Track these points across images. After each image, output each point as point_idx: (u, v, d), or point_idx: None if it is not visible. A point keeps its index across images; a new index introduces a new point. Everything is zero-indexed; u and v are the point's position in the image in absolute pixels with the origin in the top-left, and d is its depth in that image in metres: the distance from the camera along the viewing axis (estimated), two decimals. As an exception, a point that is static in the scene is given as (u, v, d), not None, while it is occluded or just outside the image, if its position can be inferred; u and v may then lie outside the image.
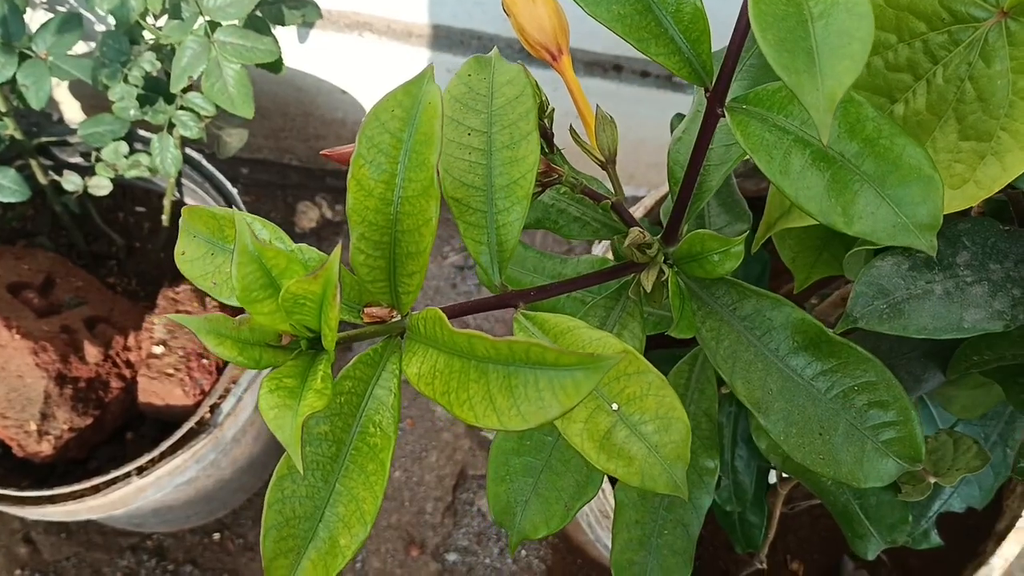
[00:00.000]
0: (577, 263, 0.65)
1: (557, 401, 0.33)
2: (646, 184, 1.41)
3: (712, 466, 0.57)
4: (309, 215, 1.36)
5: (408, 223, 0.38)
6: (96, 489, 0.88)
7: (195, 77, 0.77)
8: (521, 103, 0.45)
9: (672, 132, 0.74)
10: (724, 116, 0.39)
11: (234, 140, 0.95)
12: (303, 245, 0.42)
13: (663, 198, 0.87)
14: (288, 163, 1.36)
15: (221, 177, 1.00)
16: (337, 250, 0.34)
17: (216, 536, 1.23)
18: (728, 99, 0.40)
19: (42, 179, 1.01)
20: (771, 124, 0.38)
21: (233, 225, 0.41)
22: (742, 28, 0.40)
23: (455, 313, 0.44)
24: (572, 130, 0.48)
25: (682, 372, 0.59)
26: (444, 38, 1.11)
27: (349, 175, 0.39)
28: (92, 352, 0.92)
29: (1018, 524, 0.80)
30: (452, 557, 1.25)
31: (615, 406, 0.39)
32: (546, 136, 0.45)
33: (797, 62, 0.33)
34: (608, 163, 0.46)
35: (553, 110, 0.47)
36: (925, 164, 0.36)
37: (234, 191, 0.99)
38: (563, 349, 0.33)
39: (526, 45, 0.49)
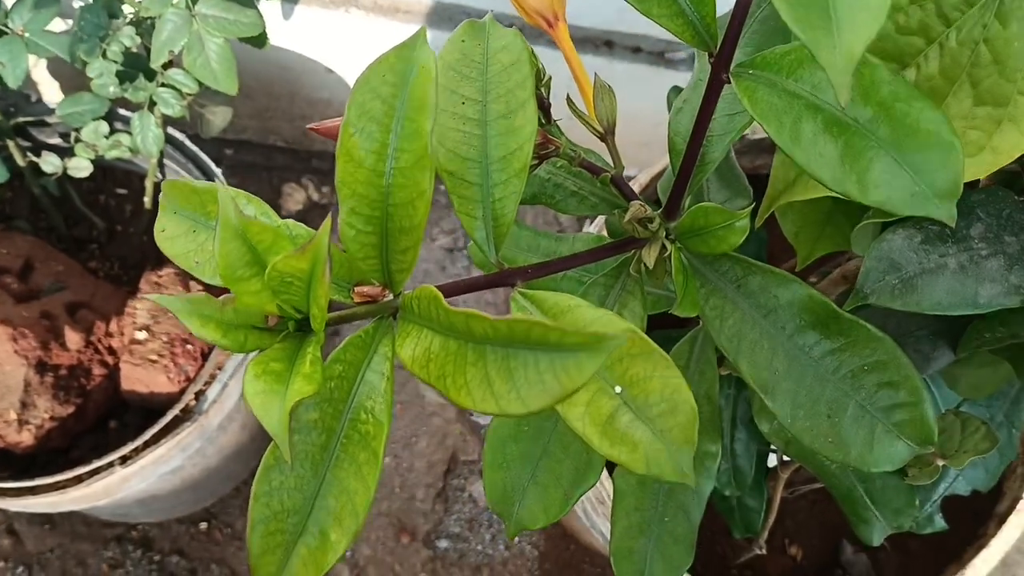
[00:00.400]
0: (573, 241, 0.63)
1: (559, 383, 0.31)
2: (636, 164, 1.39)
3: (714, 450, 0.56)
4: (295, 197, 1.33)
5: (401, 196, 0.36)
6: (79, 480, 0.86)
7: (176, 52, 0.74)
8: (517, 70, 0.42)
9: (669, 106, 0.72)
10: (729, 82, 0.37)
11: (217, 119, 0.92)
12: (290, 221, 0.40)
13: (658, 175, 0.85)
14: (273, 144, 1.34)
15: (205, 157, 0.98)
16: (326, 224, 0.32)
17: (203, 526, 1.21)
18: (733, 65, 0.38)
19: (20, 161, 0.98)
20: (780, 89, 0.36)
21: (216, 200, 0.39)
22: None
23: (448, 292, 0.42)
24: (569, 100, 0.46)
25: (681, 353, 0.57)
26: (434, 14, 1.09)
27: (338, 145, 0.37)
28: (73, 339, 0.90)
29: (1019, 507, 0.79)
30: (443, 544, 1.23)
31: (618, 388, 0.38)
32: (543, 106, 0.43)
33: (812, 16, 0.31)
34: (607, 134, 0.44)
35: (550, 78, 0.45)
36: (944, 129, 0.34)
37: (218, 171, 0.97)
38: (565, 328, 0.31)
39: (521, 11, 0.47)
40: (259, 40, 0.77)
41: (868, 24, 0.30)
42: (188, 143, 0.98)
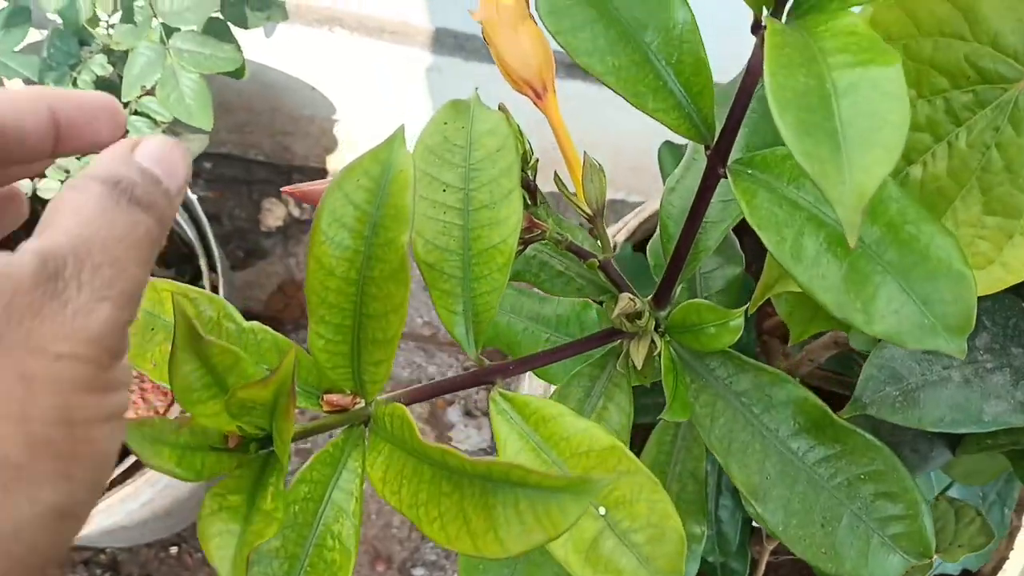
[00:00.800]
0: (557, 304, 0.60)
1: (541, 527, 0.29)
2: (625, 188, 1.37)
3: (699, 532, 0.54)
4: (275, 212, 1.30)
5: (374, 308, 0.34)
6: (42, 517, 0.83)
7: (148, 87, 0.71)
8: (503, 157, 0.40)
9: (660, 164, 0.70)
10: (726, 177, 0.35)
11: (194, 145, 0.89)
12: (255, 324, 0.37)
13: (648, 219, 0.82)
14: (254, 158, 1.30)
15: (180, 182, 0.95)
16: (290, 357, 0.29)
17: (173, 550, 1.18)
18: (731, 159, 0.36)
19: (-13, 180, 0.94)
20: (781, 196, 0.34)
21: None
22: (748, 86, 0.36)
23: (425, 394, 0.40)
24: (557, 178, 0.43)
25: (668, 428, 0.55)
26: (418, 35, 1.06)
27: (308, 251, 0.34)
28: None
29: (1005, 567, 0.77)
30: (419, 572, 1.21)
31: (602, 510, 0.35)
32: (529, 188, 0.41)
33: (820, 148, 0.28)
34: (596, 216, 0.42)
35: (537, 160, 0.43)
36: (956, 257, 0.32)
37: (194, 198, 0.94)
38: (546, 474, 0.29)
39: (507, 79, 0.44)
40: (237, 74, 0.74)
41: (882, 161, 0.27)
42: (163, 167, 0.95)
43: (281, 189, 0.44)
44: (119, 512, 0.89)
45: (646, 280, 0.77)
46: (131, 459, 0.85)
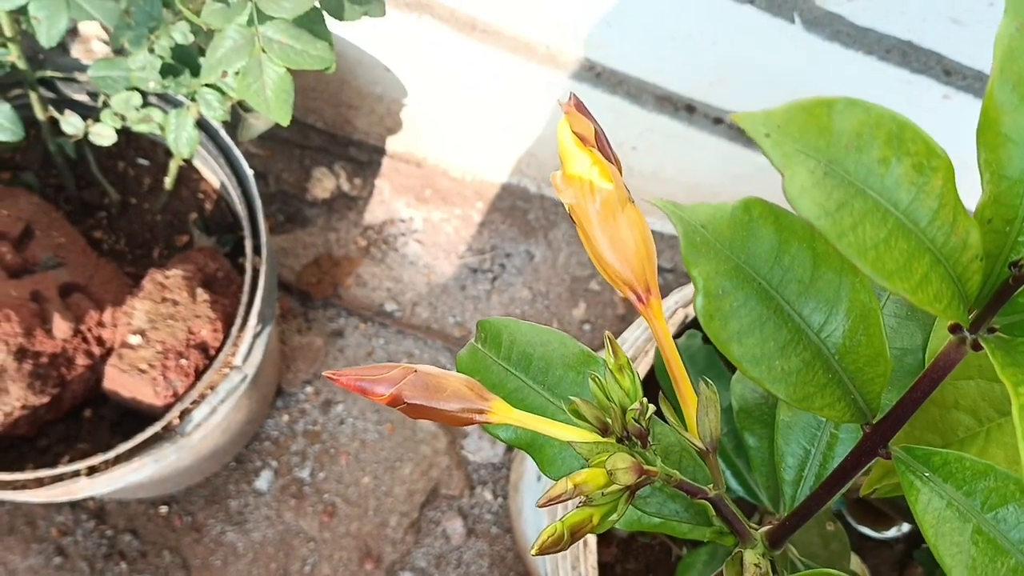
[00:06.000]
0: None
1: None
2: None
3: None
4: (324, 184, 1.26)
5: None
6: (39, 482, 0.80)
7: (231, 72, 0.67)
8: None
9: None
10: (888, 459, 0.30)
11: (260, 123, 0.85)
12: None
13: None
14: (312, 124, 1.25)
15: (238, 154, 0.90)
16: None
17: (163, 509, 1.16)
18: (895, 442, 0.31)
19: (40, 114, 0.90)
20: (956, 508, 0.28)
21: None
22: (928, 386, 0.30)
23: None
24: (663, 400, 0.38)
25: None
26: (507, 40, 1.00)
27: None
28: (62, 327, 0.83)
29: None
30: (406, 576, 1.18)
31: None
32: (641, 437, 0.36)
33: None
34: (709, 452, 0.37)
35: (654, 411, 0.37)
36: None
37: (250, 173, 0.89)
38: None
39: (604, 275, 0.38)
40: (326, 71, 0.69)
41: None
42: (223, 134, 0.90)
43: (323, 373, 0.38)
44: (119, 481, 0.85)
45: (717, 374, 0.72)
46: (139, 438, 0.81)
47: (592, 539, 0.72)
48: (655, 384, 0.71)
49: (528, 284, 1.28)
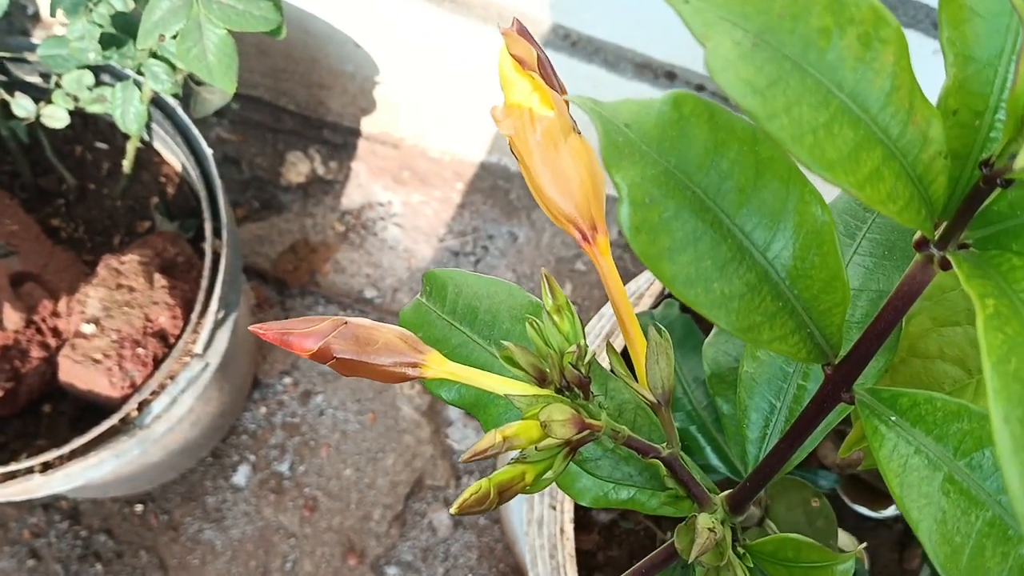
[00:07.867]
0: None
1: None
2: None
3: None
4: (299, 168, 1.22)
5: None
6: (-9, 479, 0.76)
7: (168, 36, 0.63)
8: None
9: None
10: (852, 403, 0.26)
11: (215, 98, 0.81)
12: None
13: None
14: (284, 107, 1.21)
15: (196, 132, 0.86)
16: None
17: (139, 507, 1.12)
18: (859, 383, 0.27)
19: (-11, 97, 0.86)
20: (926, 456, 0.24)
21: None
22: (894, 316, 0.26)
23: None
24: (610, 349, 0.34)
25: None
26: (480, 9, 0.96)
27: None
28: (12, 317, 0.79)
29: None
30: (392, 571, 1.14)
31: None
32: (582, 385, 0.32)
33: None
34: (661, 405, 0.33)
35: (593, 355, 0.33)
36: None
37: (208, 153, 0.85)
38: None
39: (547, 212, 0.34)
40: (273, 34, 0.65)
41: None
42: (180, 112, 0.86)
43: (249, 327, 0.34)
44: (79, 478, 0.82)
45: (695, 345, 0.68)
46: (94, 432, 0.77)
47: (569, 526, 0.68)
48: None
49: (512, 266, 1.24)
